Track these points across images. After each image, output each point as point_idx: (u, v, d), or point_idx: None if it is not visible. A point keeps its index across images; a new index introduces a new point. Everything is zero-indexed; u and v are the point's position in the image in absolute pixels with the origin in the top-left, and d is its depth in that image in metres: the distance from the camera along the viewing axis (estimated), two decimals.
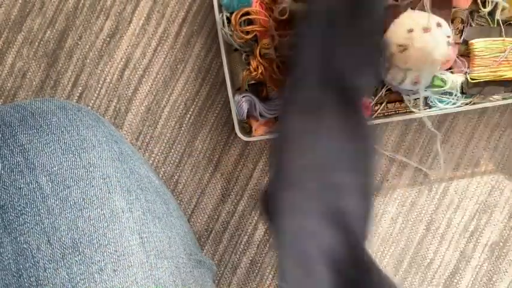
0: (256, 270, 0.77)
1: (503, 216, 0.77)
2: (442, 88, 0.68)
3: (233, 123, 0.71)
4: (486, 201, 0.77)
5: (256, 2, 0.67)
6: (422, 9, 0.64)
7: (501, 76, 0.68)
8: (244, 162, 0.77)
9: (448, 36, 0.62)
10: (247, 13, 0.67)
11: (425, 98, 0.70)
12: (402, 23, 0.61)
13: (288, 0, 0.65)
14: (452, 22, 0.68)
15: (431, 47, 0.60)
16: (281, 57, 0.67)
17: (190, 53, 0.75)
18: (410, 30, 0.60)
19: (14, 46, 0.75)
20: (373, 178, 0.63)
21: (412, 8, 0.64)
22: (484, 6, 0.69)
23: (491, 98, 0.70)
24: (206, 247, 0.77)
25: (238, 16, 0.67)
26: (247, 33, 0.67)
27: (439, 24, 0.61)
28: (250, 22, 0.68)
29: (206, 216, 0.77)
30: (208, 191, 0.76)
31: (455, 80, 0.68)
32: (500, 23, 0.69)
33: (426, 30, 0.60)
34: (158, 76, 0.76)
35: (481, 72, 0.68)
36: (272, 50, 0.67)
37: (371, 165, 0.58)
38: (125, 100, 0.76)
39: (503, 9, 0.68)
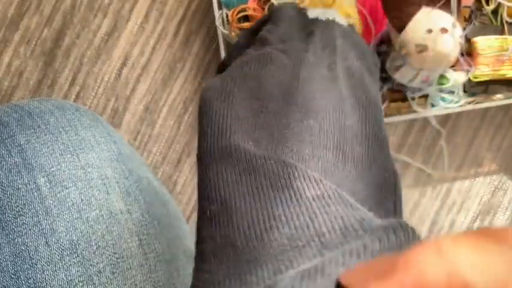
0: None
1: (506, 216, 0.76)
2: (445, 86, 0.67)
3: None
4: (489, 202, 0.76)
5: (254, 0, 0.67)
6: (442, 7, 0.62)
7: (504, 75, 0.68)
8: None
9: (460, 37, 0.61)
10: (245, 10, 0.67)
11: (427, 97, 0.69)
12: (421, 21, 0.60)
13: None
14: None
15: (450, 49, 0.59)
16: None
17: (189, 52, 0.75)
18: (429, 31, 0.59)
19: (11, 45, 0.75)
20: None
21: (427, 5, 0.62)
22: (488, 4, 0.68)
23: (494, 98, 0.70)
24: None
25: (236, 13, 0.67)
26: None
27: (454, 25, 0.60)
28: (247, 20, 0.68)
29: None
30: None
31: (457, 78, 0.68)
32: (504, 21, 0.68)
33: (444, 31, 0.59)
34: (157, 75, 0.75)
35: (484, 71, 0.68)
36: None
37: None
38: (122, 99, 0.75)
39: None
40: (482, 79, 0.68)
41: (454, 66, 0.68)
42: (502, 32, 0.69)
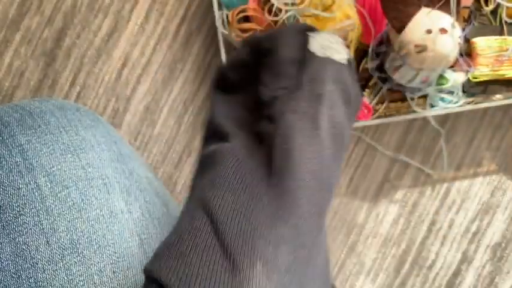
0: None
1: (505, 216, 0.76)
2: (444, 86, 0.67)
3: None
4: (488, 202, 0.76)
5: (254, 1, 0.67)
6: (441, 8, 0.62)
7: (503, 75, 0.68)
8: None
9: (459, 37, 0.61)
10: (245, 11, 0.67)
11: (427, 97, 0.69)
12: (420, 21, 0.60)
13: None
14: None
15: (449, 49, 0.59)
16: None
17: (189, 52, 0.75)
18: (429, 31, 0.59)
19: (12, 45, 0.75)
20: None
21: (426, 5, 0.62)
22: (487, 5, 0.68)
23: (493, 98, 0.70)
24: None
25: (236, 14, 0.67)
26: (245, 31, 0.67)
27: (453, 25, 0.60)
28: (247, 20, 0.68)
29: None
30: None
31: (456, 78, 0.68)
32: (503, 21, 0.68)
33: (443, 31, 0.59)
34: (157, 75, 0.75)
35: (483, 71, 0.68)
36: None
37: None
38: (123, 99, 0.75)
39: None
40: (481, 79, 0.68)
41: (453, 66, 0.68)
42: (501, 33, 0.69)
